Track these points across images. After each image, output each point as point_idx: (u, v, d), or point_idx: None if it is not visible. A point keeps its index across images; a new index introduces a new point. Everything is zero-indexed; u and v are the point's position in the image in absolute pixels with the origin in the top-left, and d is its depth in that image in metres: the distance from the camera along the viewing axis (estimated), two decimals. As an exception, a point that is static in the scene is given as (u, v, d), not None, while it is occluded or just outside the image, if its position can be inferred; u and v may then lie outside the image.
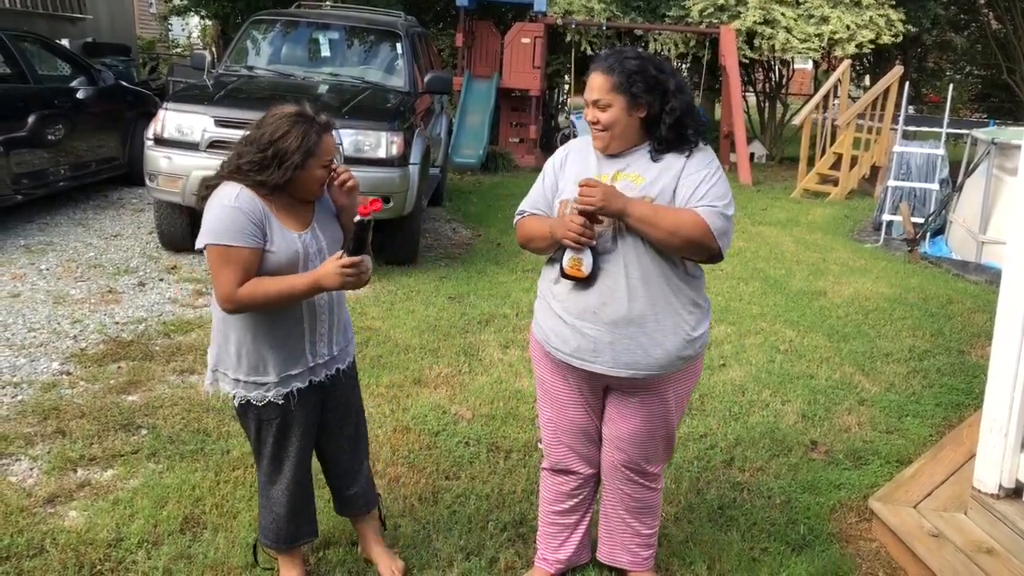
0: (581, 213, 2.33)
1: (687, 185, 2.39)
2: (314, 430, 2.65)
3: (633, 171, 2.44)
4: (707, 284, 6.26)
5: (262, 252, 2.36)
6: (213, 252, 2.33)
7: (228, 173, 2.41)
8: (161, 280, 5.96)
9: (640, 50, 2.48)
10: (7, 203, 6.82)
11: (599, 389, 2.62)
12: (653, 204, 2.36)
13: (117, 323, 5.05)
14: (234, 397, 2.53)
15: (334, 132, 6.58)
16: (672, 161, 2.44)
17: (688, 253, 2.41)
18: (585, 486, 2.78)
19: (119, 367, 4.41)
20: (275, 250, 2.37)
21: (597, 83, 2.39)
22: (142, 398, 4.05)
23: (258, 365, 2.47)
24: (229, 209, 2.34)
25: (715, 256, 2.42)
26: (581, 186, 2.33)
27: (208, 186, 2.45)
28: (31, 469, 3.38)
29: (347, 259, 2.33)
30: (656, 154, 2.44)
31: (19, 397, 4.01)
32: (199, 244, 2.37)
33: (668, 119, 2.39)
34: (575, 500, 2.79)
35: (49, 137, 7.23)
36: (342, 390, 2.68)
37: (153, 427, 3.75)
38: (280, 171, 2.35)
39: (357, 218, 2.37)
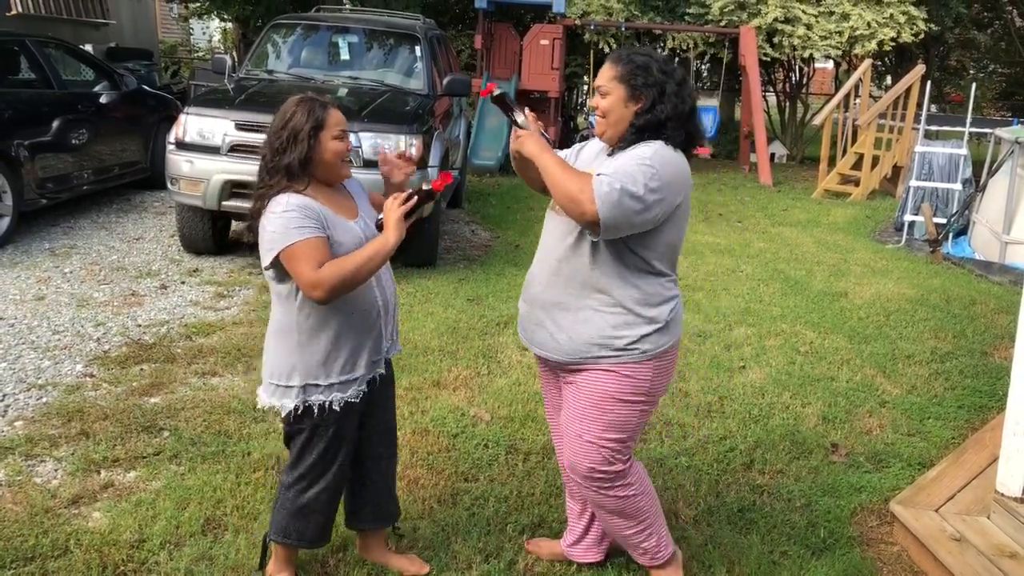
0: None
1: (608, 161, 2.43)
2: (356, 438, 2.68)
3: None
4: (727, 285, 6.16)
5: (327, 240, 2.42)
6: (284, 257, 2.38)
7: (262, 180, 2.49)
8: (183, 283, 6.01)
9: (654, 51, 2.52)
10: (32, 207, 6.91)
11: (554, 376, 2.72)
12: (552, 153, 2.39)
13: (139, 326, 5.11)
14: (297, 408, 2.53)
15: (352, 135, 6.61)
16: (628, 149, 2.44)
17: (567, 209, 2.34)
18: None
19: (141, 369, 4.45)
20: (340, 240, 2.45)
21: (603, 72, 2.48)
22: (164, 400, 4.09)
23: (347, 363, 2.53)
24: (282, 215, 2.39)
25: (591, 223, 2.30)
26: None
27: (256, 209, 2.49)
28: (56, 470, 3.42)
29: (403, 215, 2.45)
30: (626, 145, 2.44)
31: (44, 399, 4.06)
32: (268, 261, 2.42)
33: (651, 117, 2.40)
34: (576, 493, 2.84)
35: (73, 142, 7.32)
36: (386, 385, 2.75)
37: (175, 429, 3.78)
38: (297, 148, 2.43)
39: (428, 187, 2.47)
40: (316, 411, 2.53)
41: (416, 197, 2.47)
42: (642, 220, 2.32)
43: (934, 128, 11.61)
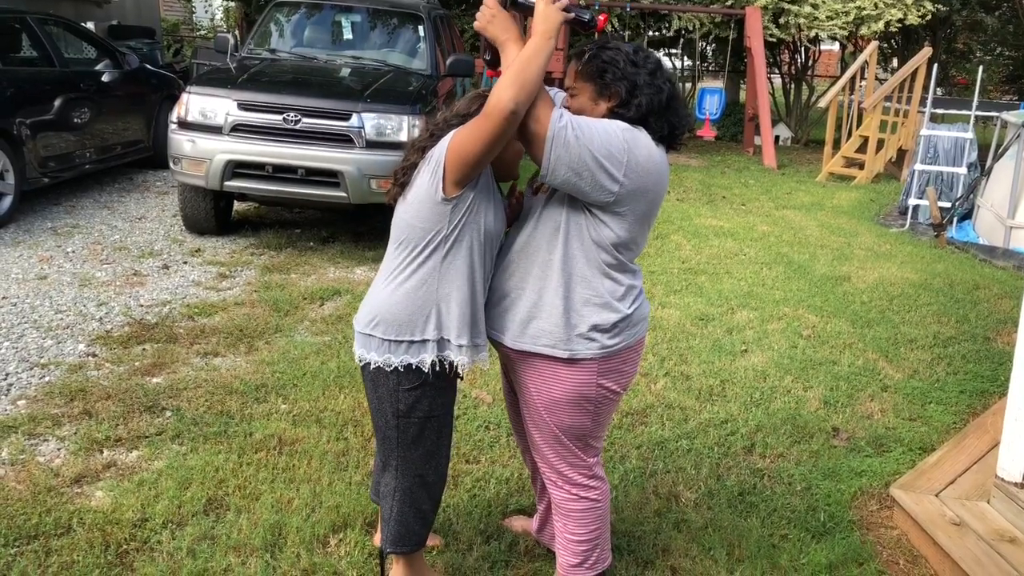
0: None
1: None
2: None
3: None
4: (730, 268, 6.14)
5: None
6: (454, 148, 2.22)
7: (426, 145, 2.35)
8: (185, 263, 6.01)
9: (623, 43, 2.33)
10: (35, 186, 6.90)
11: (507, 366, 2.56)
12: (527, 61, 2.13)
13: (142, 306, 5.11)
14: (434, 365, 2.34)
15: (355, 116, 6.55)
16: None
17: (494, 94, 2.15)
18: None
19: (144, 349, 4.46)
20: (486, 203, 2.32)
21: (569, 71, 2.33)
22: (166, 380, 4.10)
23: (476, 323, 2.36)
24: (439, 145, 2.30)
25: (495, 111, 2.10)
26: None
27: (415, 160, 2.34)
28: (58, 449, 3.43)
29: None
30: None
31: (47, 378, 4.07)
32: (439, 175, 2.25)
33: (632, 113, 2.25)
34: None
35: (75, 120, 7.30)
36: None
37: (177, 409, 3.79)
38: None
39: (591, 19, 2.26)
40: (447, 368, 2.35)
41: (574, 15, 2.22)
42: (588, 183, 2.16)
43: (940, 111, 11.55)
